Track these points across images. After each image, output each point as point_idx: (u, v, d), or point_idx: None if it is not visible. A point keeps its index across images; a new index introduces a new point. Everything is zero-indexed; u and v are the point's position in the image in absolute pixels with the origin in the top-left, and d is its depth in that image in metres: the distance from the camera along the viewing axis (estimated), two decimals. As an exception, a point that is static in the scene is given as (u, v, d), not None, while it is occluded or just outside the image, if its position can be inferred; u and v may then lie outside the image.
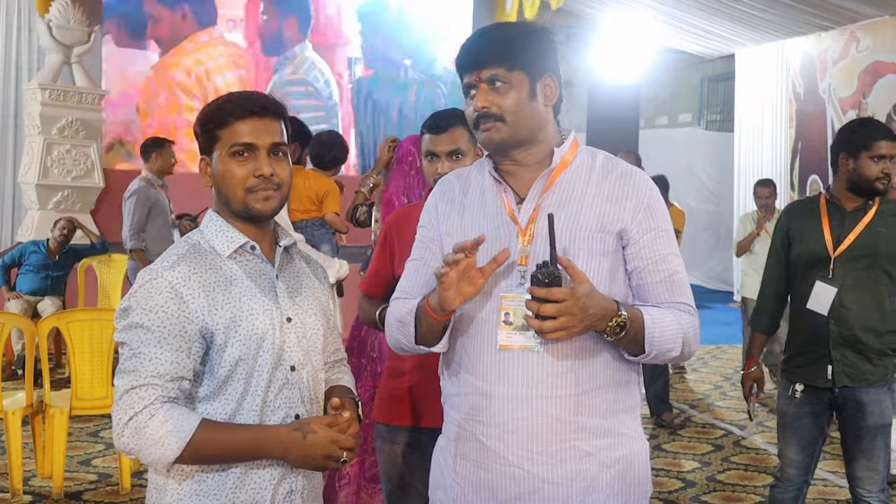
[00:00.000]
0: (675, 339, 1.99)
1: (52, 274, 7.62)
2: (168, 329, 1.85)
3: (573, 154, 2.06)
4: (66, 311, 5.43)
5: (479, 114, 1.99)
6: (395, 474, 2.90)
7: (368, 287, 2.99)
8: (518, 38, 1.99)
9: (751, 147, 11.45)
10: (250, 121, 1.95)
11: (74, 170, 8.89)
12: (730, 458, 5.63)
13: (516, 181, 2.05)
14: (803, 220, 3.56)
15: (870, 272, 3.42)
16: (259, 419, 1.92)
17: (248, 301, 1.94)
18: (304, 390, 2.01)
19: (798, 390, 3.52)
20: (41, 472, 4.92)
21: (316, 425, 1.90)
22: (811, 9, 9.04)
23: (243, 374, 1.91)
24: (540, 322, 1.82)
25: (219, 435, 1.86)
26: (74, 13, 8.85)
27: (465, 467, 2.04)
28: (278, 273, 2.02)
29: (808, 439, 3.54)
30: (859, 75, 9.34)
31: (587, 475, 1.98)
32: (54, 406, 4.73)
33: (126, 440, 1.83)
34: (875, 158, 3.39)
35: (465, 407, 2.04)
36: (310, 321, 2.05)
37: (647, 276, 2.01)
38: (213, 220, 2.02)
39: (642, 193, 2.02)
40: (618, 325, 1.89)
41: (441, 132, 2.87)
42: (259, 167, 1.94)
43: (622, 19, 11.00)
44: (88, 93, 8.91)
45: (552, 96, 2.04)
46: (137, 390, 1.83)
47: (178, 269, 1.90)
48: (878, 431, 3.43)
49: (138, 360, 1.84)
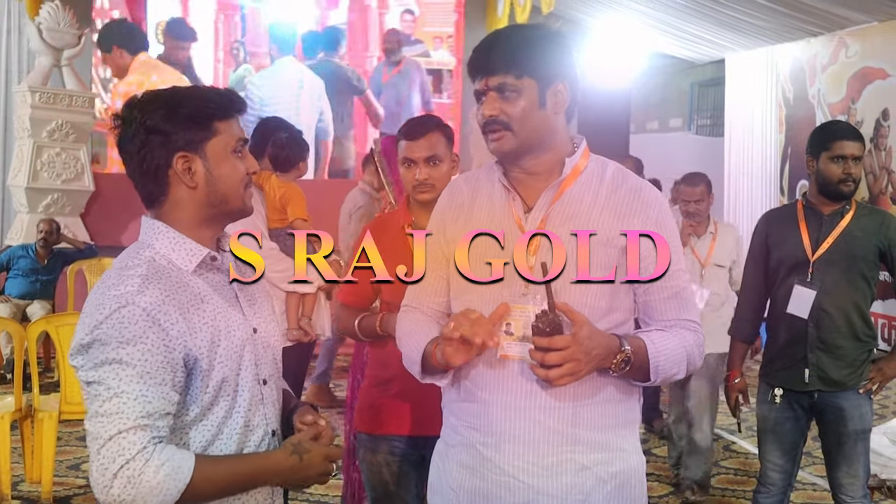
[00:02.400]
0: (679, 363, 1.98)
1: (42, 278, 7.60)
2: (150, 362, 1.65)
3: (584, 163, 2.03)
4: (55, 315, 5.42)
5: (486, 121, 1.96)
6: (378, 483, 2.90)
7: (346, 296, 2.99)
8: (529, 43, 1.95)
9: (741, 152, 11.47)
10: (239, 116, 1.87)
11: (64, 173, 8.86)
12: (719, 463, 5.63)
13: (525, 190, 2.02)
14: (781, 227, 3.56)
15: (847, 275, 3.42)
16: (240, 441, 1.81)
17: (223, 318, 1.79)
18: (275, 404, 1.92)
19: (777, 395, 3.53)
20: (30, 477, 4.89)
21: (307, 444, 1.80)
22: (800, 15, 9.07)
23: (227, 396, 1.78)
24: (546, 371, 1.81)
25: (216, 470, 1.72)
26: (64, 16, 8.81)
27: (462, 475, 2.04)
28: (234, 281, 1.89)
29: (790, 443, 3.56)
30: (848, 81, 9.37)
31: (583, 489, 1.96)
32: (43, 410, 4.71)
33: (116, 492, 1.61)
34: (836, 159, 3.38)
35: (463, 414, 2.04)
36: (270, 328, 1.94)
37: (654, 292, 2.00)
38: (162, 231, 1.80)
39: (651, 209, 2.00)
40: (622, 360, 1.89)
41: (417, 138, 2.86)
42: (251, 164, 1.86)
43: (612, 24, 11.01)
44: (78, 95, 8.88)
45: (563, 103, 2.00)
46: (125, 434, 1.62)
47: (149, 293, 1.68)
48: (858, 437, 3.43)
49: (120, 401, 1.63)
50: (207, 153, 1.79)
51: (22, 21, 9.51)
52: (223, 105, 1.81)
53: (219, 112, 1.80)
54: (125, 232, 8.95)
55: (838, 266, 3.41)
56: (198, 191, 1.80)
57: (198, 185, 1.79)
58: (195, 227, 1.82)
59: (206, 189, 1.80)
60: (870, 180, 8.96)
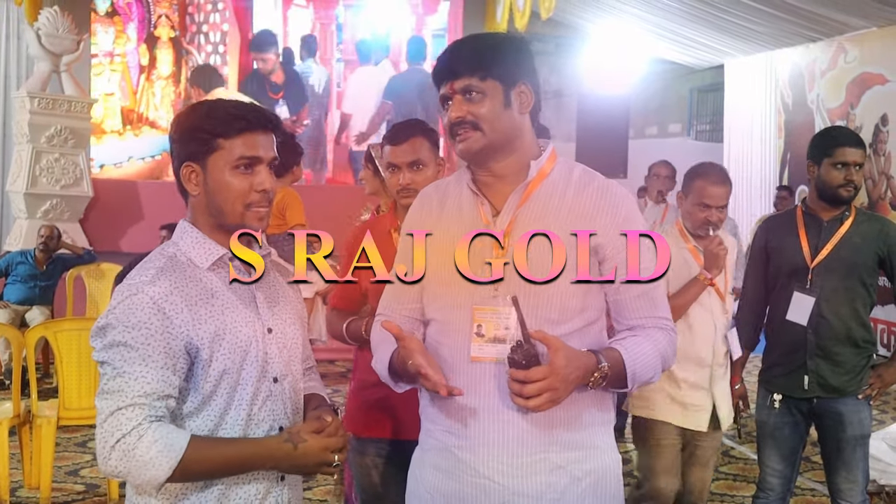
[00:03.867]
0: (654, 367, 2.01)
1: (41, 283, 7.59)
2: (152, 346, 1.79)
3: (550, 166, 2.06)
4: (53, 321, 5.40)
5: (454, 123, 1.99)
6: (368, 485, 2.93)
7: (337, 301, 3.03)
8: (490, 47, 2.00)
9: (740, 157, 11.49)
10: (261, 133, 1.91)
11: (63, 178, 8.86)
12: (718, 469, 5.62)
13: (493, 193, 2.05)
14: (781, 233, 3.55)
15: (846, 282, 3.40)
16: (243, 433, 1.89)
17: (231, 313, 1.89)
18: (286, 402, 1.98)
19: (776, 400, 3.52)
20: (28, 483, 4.88)
21: (305, 434, 1.86)
22: (800, 20, 9.09)
23: (227, 388, 1.87)
24: (525, 401, 1.83)
25: (209, 451, 1.82)
26: (63, 21, 8.82)
27: (437, 478, 2.05)
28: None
29: (789, 448, 3.55)
30: (847, 86, 9.38)
31: (557, 487, 1.98)
32: (42, 416, 4.70)
33: (114, 463, 1.76)
34: (837, 165, 3.37)
35: (437, 418, 2.06)
36: (289, 331, 2.02)
37: (624, 291, 2.01)
38: (188, 231, 1.95)
39: (619, 208, 2.01)
40: (600, 377, 1.91)
41: (401, 143, 2.88)
42: (262, 182, 1.90)
43: (612, 30, 11.03)
44: (77, 101, 8.89)
45: (528, 104, 2.03)
46: (124, 411, 1.76)
47: (159, 284, 1.83)
48: (857, 443, 3.43)
49: (122, 380, 1.77)
50: (209, 166, 1.90)
51: (21, 27, 9.53)
52: (229, 123, 1.88)
53: (220, 129, 1.88)
54: (124, 237, 8.96)
55: (837, 273, 3.40)
56: (200, 199, 1.93)
57: (199, 194, 1.92)
58: (212, 230, 1.94)
59: (206, 199, 1.92)
60: (869, 186, 8.97)
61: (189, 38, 10.30)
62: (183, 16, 10.33)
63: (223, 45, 10.24)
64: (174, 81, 10.18)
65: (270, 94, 10.39)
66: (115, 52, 10.17)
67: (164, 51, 10.31)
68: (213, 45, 10.34)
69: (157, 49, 10.29)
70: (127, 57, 10.21)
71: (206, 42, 10.23)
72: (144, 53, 10.18)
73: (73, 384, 4.72)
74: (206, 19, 10.41)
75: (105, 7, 10.08)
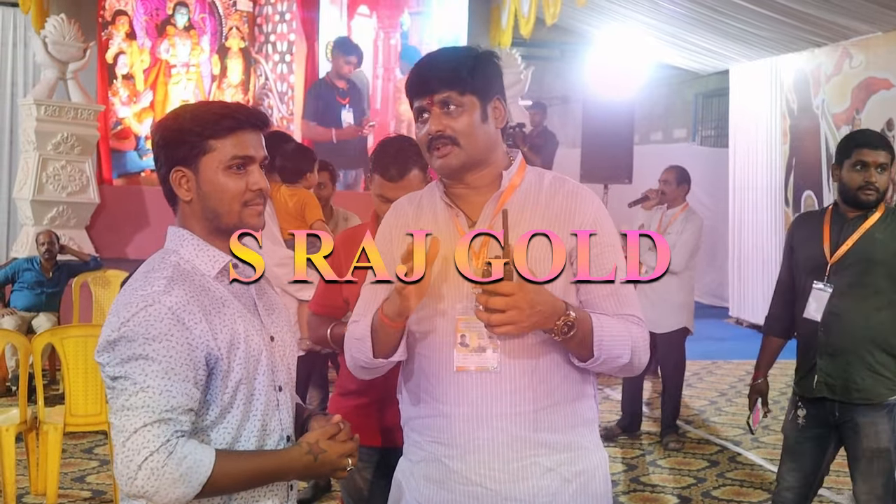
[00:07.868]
0: (624, 345, 2.00)
1: (47, 290, 7.61)
2: (174, 358, 1.72)
3: (521, 176, 2.09)
4: (60, 328, 5.42)
5: (432, 136, 2.00)
6: (353, 490, 2.95)
7: (317, 306, 3.03)
8: (467, 62, 2.02)
9: (745, 162, 11.48)
10: (251, 132, 1.88)
11: (69, 186, 8.87)
12: (725, 474, 5.61)
13: (467, 205, 2.07)
14: (807, 229, 3.54)
15: (864, 279, 3.35)
16: (259, 444, 1.87)
17: (242, 322, 1.85)
18: (290, 410, 1.98)
19: (801, 416, 3.47)
20: (35, 489, 4.89)
21: (323, 443, 1.87)
22: (804, 25, 9.08)
23: (243, 399, 1.84)
24: (488, 315, 1.82)
25: (234, 466, 1.79)
26: (70, 29, 8.84)
27: (429, 489, 2.07)
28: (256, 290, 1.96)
29: (810, 468, 3.49)
30: (852, 91, 9.37)
31: (549, 490, 2.01)
32: (48, 422, 4.71)
33: (140, 483, 1.68)
34: (857, 166, 3.34)
35: (426, 429, 2.07)
36: (287, 339, 2.00)
37: (593, 289, 2.03)
38: (187, 238, 1.89)
39: (588, 209, 2.05)
40: (565, 324, 1.89)
41: (396, 181, 2.85)
42: (256, 181, 1.87)
43: (617, 35, 11.04)
44: (84, 108, 8.90)
45: (501, 118, 2.08)
46: (150, 427, 1.69)
47: (174, 294, 1.76)
48: (874, 455, 3.34)
49: (146, 395, 1.69)
50: (200, 168, 1.85)
51: (27, 34, 9.55)
52: (220, 123, 1.84)
53: (209, 130, 1.84)
54: (130, 244, 8.96)
55: (854, 269, 3.35)
56: (193, 204, 1.88)
57: (192, 199, 1.87)
58: (208, 235, 1.89)
59: (200, 204, 1.87)
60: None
61: (258, 48, 10.62)
62: (252, 27, 10.67)
63: (290, 55, 10.58)
64: (243, 89, 10.47)
65: (338, 99, 10.63)
66: (191, 62, 10.46)
67: (234, 60, 10.60)
68: (280, 54, 10.68)
69: (227, 59, 10.57)
70: (201, 67, 10.51)
71: (273, 51, 10.59)
72: (216, 63, 10.49)
73: (80, 391, 4.73)
74: (274, 30, 10.75)
75: (183, 22, 10.30)
